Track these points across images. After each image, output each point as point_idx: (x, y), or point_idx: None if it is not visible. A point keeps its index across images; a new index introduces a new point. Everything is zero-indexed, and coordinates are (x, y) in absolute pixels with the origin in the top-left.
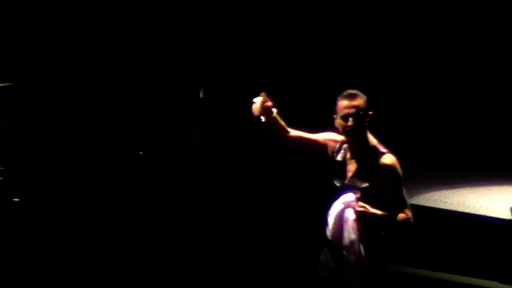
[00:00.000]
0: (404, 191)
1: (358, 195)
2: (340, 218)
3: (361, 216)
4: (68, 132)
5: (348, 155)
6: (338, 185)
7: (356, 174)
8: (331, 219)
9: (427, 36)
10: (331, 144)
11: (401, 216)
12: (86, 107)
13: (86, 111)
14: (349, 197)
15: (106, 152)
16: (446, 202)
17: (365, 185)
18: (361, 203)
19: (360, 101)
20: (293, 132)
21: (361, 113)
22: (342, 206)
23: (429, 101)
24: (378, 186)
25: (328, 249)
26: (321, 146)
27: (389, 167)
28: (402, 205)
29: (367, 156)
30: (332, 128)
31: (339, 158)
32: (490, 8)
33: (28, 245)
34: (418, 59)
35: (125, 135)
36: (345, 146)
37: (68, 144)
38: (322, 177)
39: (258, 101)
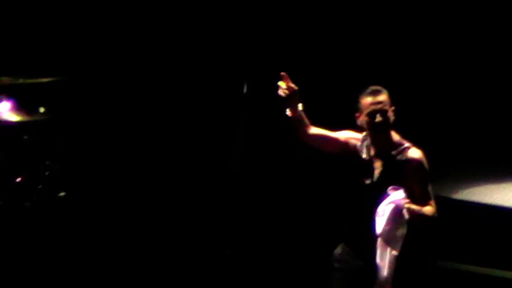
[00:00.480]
0: (429, 184)
1: (405, 193)
2: (394, 216)
3: (409, 213)
4: (112, 127)
5: (373, 152)
6: (367, 183)
7: (384, 171)
8: (382, 217)
9: (445, 29)
10: (352, 142)
11: (428, 209)
12: (129, 102)
13: (129, 107)
14: (399, 195)
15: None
16: (491, 197)
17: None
18: (408, 201)
19: (385, 96)
20: (315, 129)
21: (387, 108)
22: (393, 205)
23: (447, 96)
24: (406, 180)
25: (350, 245)
26: (342, 144)
27: (417, 161)
28: (428, 198)
29: (393, 152)
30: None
31: (365, 155)
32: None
33: (72, 239)
34: (433, 53)
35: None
36: (366, 143)
37: (113, 139)
38: (339, 178)
39: (281, 83)
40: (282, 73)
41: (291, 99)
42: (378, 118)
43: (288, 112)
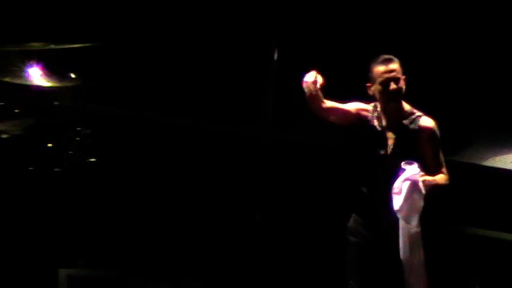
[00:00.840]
0: (441, 152)
1: (419, 168)
2: (411, 192)
3: (426, 186)
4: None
5: (384, 123)
6: (382, 153)
7: (397, 140)
8: (400, 195)
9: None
10: (363, 113)
11: (442, 177)
12: (160, 68)
13: (160, 73)
14: (413, 170)
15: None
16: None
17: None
18: (422, 174)
19: (397, 64)
20: (328, 103)
21: (400, 76)
22: (409, 182)
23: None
24: (419, 149)
25: (364, 216)
26: (353, 116)
27: (430, 129)
28: (441, 165)
29: (405, 121)
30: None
31: (377, 126)
32: None
33: (101, 205)
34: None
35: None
36: (377, 113)
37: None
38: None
39: (310, 79)
40: (314, 71)
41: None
42: (393, 86)
43: (307, 92)
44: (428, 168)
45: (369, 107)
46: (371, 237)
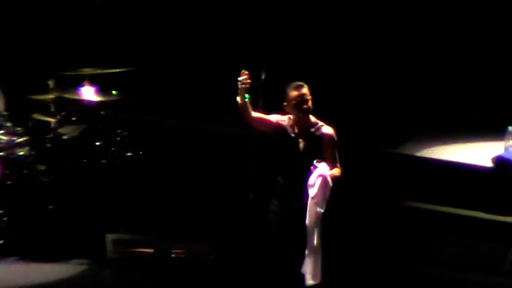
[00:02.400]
0: (336, 151)
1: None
2: (323, 185)
3: (332, 179)
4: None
5: (296, 130)
6: (295, 153)
7: (307, 144)
8: (314, 187)
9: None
10: (281, 123)
11: (338, 170)
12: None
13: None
14: (324, 168)
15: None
16: (445, 154)
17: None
18: (329, 171)
19: (306, 89)
20: (255, 114)
21: (308, 98)
22: (321, 178)
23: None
24: (322, 149)
25: (281, 200)
26: (274, 125)
27: (330, 135)
28: (336, 161)
29: (311, 130)
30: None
31: (292, 134)
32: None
33: (137, 186)
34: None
35: None
36: (291, 123)
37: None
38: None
39: (242, 78)
40: (245, 71)
41: (243, 91)
42: (304, 106)
43: (239, 100)
44: (328, 163)
45: (285, 118)
46: (285, 216)
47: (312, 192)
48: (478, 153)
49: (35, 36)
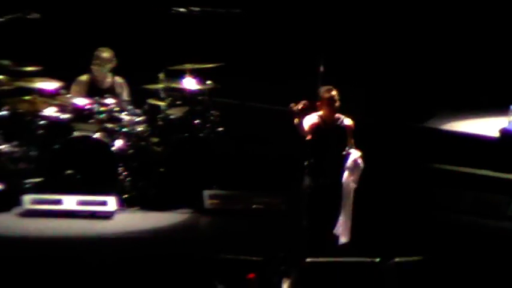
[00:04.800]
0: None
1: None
2: (356, 166)
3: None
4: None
5: (326, 124)
6: (328, 141)
7: (335, 132)
8: (350, 168)
9: None
10: (315, 123)
11: (359, 153)
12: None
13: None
14: (356, 153)
15: None
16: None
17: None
18: (360, 155)
19: (335, 92)
20: (304, 127)
21: (337, 99)
22: (356, 159)
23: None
24: (347, 136)
25: (316, 177)
26: (312, 128)
27: (351, 126)
28: (354, 146)
29: (337, 122)
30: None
31: (323, 126)
32: None
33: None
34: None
35: None
36: (321, 119)
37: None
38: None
39: (299, 106)
40: (306, 102)
41: (300, 115)
42: (337, 104)
43: (296, 121)
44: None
45: (316, 117)
46: (318, 190)
47: (349, 172)
48: (488, 126)
49: (146, 40)
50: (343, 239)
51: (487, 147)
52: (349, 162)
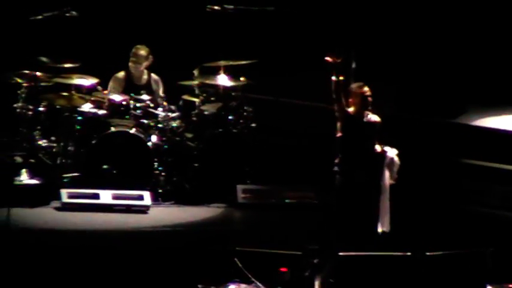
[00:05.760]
0: None
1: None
2: (393, 163)
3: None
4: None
5: (357, 117)
6: (360, 133)
7: (365, 126)
8: (390, 164)
9: None
10: (349, 112)
11: (393, 150)
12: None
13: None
14: (392, 151)
15: None
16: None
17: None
18: (396, 153)
19: (367, 87)
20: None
21: (369, 94)
22: (393, 157)
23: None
24: (376, 130)
25: (348, 176)
26: (346, 108)
27: (378, 121)
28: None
29: (367, 117)
30: None
31: (355, 120)
32: None
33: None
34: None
35: None
36: (353, 114)
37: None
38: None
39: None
40: (330, 54)
41: (334, 69)
42: (369, 99)
43: (333, 78)
44: (377, 143)
45: (351, 109)
46: (352, 186)
47: (387, 170)
48: None
49: (181, 38)
50: (384, 228)
51: None
52: (387, 160)
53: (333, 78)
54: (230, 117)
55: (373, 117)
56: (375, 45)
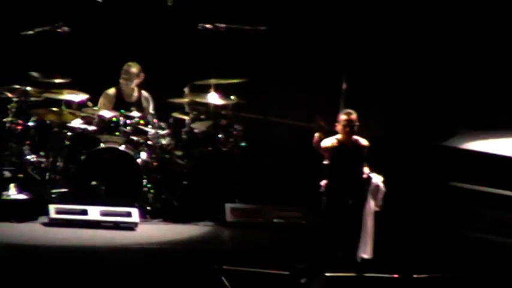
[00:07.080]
0: None
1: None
2: (379, 190)
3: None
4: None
5: (343, 145)
6: (345, 160)
7: (352, 152)
8: (374, 191)
9: None
10: (332, 146)
11: (378, 177)
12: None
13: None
14: (378, 178)
15: None
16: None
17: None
18: (382, 180)
19: (354, 115)
20: (322, 146)
21: (355, 122)
22: (378, 184)
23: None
24: (363, 155)
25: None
26: (331, 147)
27: (366, 145)
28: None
29: (354, 143)
30: None
31: (340, 147)
32: None
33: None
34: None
35: None
36: (339, 142)
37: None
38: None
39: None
40: (320, 119)
41: (320, 133)
42: (355, 128)
43: (316, 136)
44: (364, 166)
45: (334, 139)
46: (339, 209)
47: (371, 196)
48: (507, 146)
49: (172, 56)
50: (365, 255)
51: (506, 166)
52: (372, 186)
53: (316, 135)
54: (220, 136)
55: (361, 141)
56: (365, 67)
